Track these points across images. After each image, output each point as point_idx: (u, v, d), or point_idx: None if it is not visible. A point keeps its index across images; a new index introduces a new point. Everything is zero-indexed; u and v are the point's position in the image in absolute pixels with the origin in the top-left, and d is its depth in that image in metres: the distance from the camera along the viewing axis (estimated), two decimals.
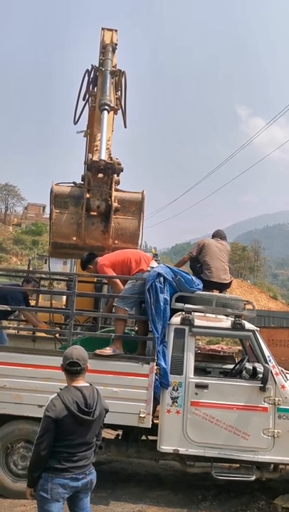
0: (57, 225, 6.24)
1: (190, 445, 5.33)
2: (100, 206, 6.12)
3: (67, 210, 6.21)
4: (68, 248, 6.44)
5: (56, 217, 6.21)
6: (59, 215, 6.20)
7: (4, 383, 5.42)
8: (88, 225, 6.18)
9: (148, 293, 5.47)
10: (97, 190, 6.12)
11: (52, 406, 3.40)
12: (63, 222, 6.20)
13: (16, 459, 5.46)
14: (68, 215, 6.20)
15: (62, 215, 6.20)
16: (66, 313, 5.92)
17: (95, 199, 6.12)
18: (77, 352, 3.65)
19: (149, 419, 5.31)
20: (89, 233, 6.21)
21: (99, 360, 5.36)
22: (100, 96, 6.91)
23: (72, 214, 6.20)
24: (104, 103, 6.71)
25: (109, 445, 5.67)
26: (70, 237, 6.23)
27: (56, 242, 6.37)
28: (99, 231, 6.24)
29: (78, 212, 6.15)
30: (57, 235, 6.30)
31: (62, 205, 6.21)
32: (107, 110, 6.68)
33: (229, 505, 5.49)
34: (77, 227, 6.18)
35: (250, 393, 5.40)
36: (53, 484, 3.37)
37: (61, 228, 6.23)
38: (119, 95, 7.45)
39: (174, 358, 5.48)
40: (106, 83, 6.97)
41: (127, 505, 5.36)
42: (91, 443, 3.57)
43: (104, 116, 6.61)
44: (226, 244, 6.86)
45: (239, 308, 5.87)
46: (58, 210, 6.20)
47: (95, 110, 7.21)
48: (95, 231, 6.23)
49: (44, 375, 5.33)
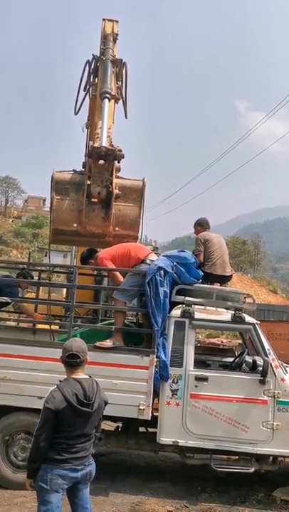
0: (58, 212, 6.22)
1: (189, 437, 5.36)
2: (100, 193, 6.11)
3: (68, 196, 6.19)
4: (69, 235, 6.43)
5: (57, 204, 6.19)
6: (60, 201, 6.19)
7: (5, 375, 5.44)
8: (89, 212, 6.16)
9: (148, 286, 5.47)
10: (98, 177, 6.10)
11: (51, 398, 3.42)
12: (64, 209, 6.18)
13: (16, 450, 5.48)
14: (69, 202, 6.19)
15: (63, 202, 6.18)
16: (66, 305, 5.92)
17: (96, 185, 6.11)
18: (76, 344, 3.66)
19: (148, 412, 5.33)
20: (90, 220, 6.19)
21: (99, 352, 5.37)
22: (101, 84, 6.89)
23: (73, 200, 6.18)
24: (105, 91, 6.68)
25: (108, 437, 5.70)
26: (70, 223, 6.21)
27: (57, 228, 6.36)
28: (99, 218, 6.22)
29: (79, 198, 6.13)
30: (58, 221, 6.28)
31: (63, 191, 6.19)
32: (108, 98, 6.66)
33: (228, 497, 5.52)
34: (78, 213, 6.16)
35: (249, 386, 5.42)
36: (52, 475, 3.39)
37: (62, 215, 6.21)
38: (120, 85, 7.41)
39: (174, 350, 5.49)
40: (107, 72, 6.94)
41: (127, 496, 5.38)
42: (90, 434, 3.58)
43: (106, 104, 6.59)
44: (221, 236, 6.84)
45: (239, 302, 5.87)
46: (58, 196, 6.18)
47: (95, 99, 7.18)
48: (96, 218, 6.22)
49: (45, 367, 5.34)
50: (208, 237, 6.53)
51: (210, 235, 6.62)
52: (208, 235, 6.58)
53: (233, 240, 61.28)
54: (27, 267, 9.59)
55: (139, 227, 6.36)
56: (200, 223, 6.81)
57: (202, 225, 6.78)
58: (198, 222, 6.84)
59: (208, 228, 6.78)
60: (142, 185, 6.29)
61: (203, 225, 6.78)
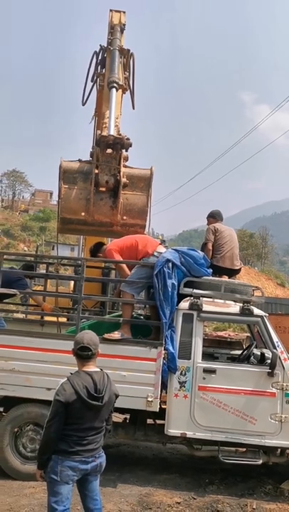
0: (66, 201, 6.22)
1: (197, 429, 5.36)
2: (108, 181, 6.09)
3: (76, 185, 6.18)
4: (77, 224, 6.43)
5: (65, 193, 6.19)
6: (68, 190, 6.18)
7: (13, 366, 5.46)
8: (97, 201, 6.16)
9: (156, 278, 5.47)
10: (106, 166, 6.09)
11: (62, 390, 3.43)
12: (72, 198, 6.17)
13: (24, 442, 5.51)
14: (77, 191, 6.18)
15: (71, 191, 6.17)
16: (74, 297, 5.92)
17: (104, 174, 6.09)
18: (88, 337, 3.66)
19: (156, 403, 5.34)
20: (97, 209, 6.18)
21: (107, 344, 5.37)
22: (109, 74, 6.86)
23: (80, 189, 6.17)
24: (112, 80, 6.65)
25: (116, 428, 5.72)
26: (78, 212, 6.21)
27: (65, 217, 6.36)
28: (107, 206, 6.21)
29: (87, 187, 6.12)
30: (65, 210, 6.28)
31: (71, 180, 6.18)
32: (115, 88, 6.64)
33: (236, 489, 5.52)
34: (85, 202, 6.15)
35: (258, 378, 5.41)
36: (62, 467, 3.42)
37: (70, 204, 6.20)
38: (128, 76, 7.38)
39: (182, 342, 5.49)
40: (114, 61, 6.92)
41: (135, 488, 5.40)
42: (100, 427, 3.59)
43: (113, 94, 6.57)
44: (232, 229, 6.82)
45: (248, 294, 5.85)
46: (66, 185, 6.18)
47: (103, 90, 7.17)
48: (104, 206, 6.21)
49: (53, 359, 5.37)
50: (219, 228, 6.51)
51: (222, 226, 6.60)
52: (219, 226, 6.55)
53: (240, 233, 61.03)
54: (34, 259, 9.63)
55: (147, 216, 6.35)
56: (212, 215, 6.81)
57: (214, 216, 6.79)
58: (211, 213, 6.84)
59: (220, 220, 6.76)
60: (149, 174, 6.27)
61: (216, 216, 6.78)
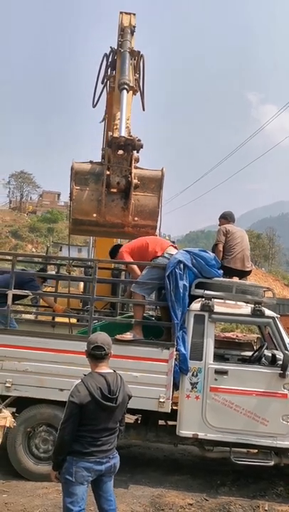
0: (77, 202, 6.24)
1: (209, 430, 5.37)
2: (120, 183, 6.12)
3: (88, 186, 6.20)
4: (88, 225, 6.45)
5: (77, 194, 6.21)
6: (79, 191, 6.20)
7: (26, 367, 5.50)
8: (108, 202, 6.17)
9: (168, 279, 5.49)
10: (117, 167, 6.10)
11: (76, 392, 3.45)
12: (84, 199, 6.20)
13: (37, 443, 5.54)
14: (89, 192, 6.20)
15: (82, 192, 6.20)
16: (86, 298, 5.95)
17: (115, 176, 6.11)
18: (101, 337, 3.69)
19: (168, 404, 5.35)
20: (109, 210, 6.20)
21: (119, 345, 5.37)
22: (119, 76, 6.88)
23: (92, 191, 6.19)
24: (123, 82, 6.67)
25: (128, 429, 5.71)
26: (90, 213, 6.23)
27: (76, 218, 6.39)
28: (119, 208, 6.23)
29: (98, 189, 6.14)
30: (77, 211, 6.30)
31: (82, 182, 6.20)
32: (126, 90, 6.65)
33: (247, 491, 5.52)
34: (97, 203, 6.17)
35: (269, 379, 5.41)
36: (77, 467, 3.44)
37: (81, 205, 6.23)
38: (138, 77, 7.41)
39: (193, 343, 5.50)
40: (125, 63, 6.94)
41: (147, 489, 5.42)
42: (114, 428, 3.61)
43: (124, 96, 6.59)
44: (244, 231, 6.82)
45: (259, 295, 5.85)
46: (78, 187, 6.20)
47: (113, 91, 7.18)
48: (115, 208, 6.22)
49: (66, 360, 5.39)
50: (231, 229, 6.51)
51: (233, 228, 6.60)
52: (231, 228, 6.55)
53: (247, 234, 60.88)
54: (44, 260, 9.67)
55: (158, 217, 6.37)
56: (224, 216, 6.83)
57: (226, 217, 6.81)
58: (223, 214, 6.86)
59: (232, 221, 6.77)
60: (160, 175, 6.29)
61: (228, 217, 6.80)
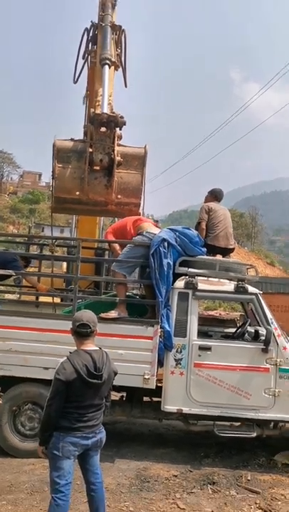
0: (60, 180, 6.20)
1: (193, 405, 5.47)
2: (102, 160, 6.08)
3: (70, 164, 6.15)
4: (71, 203, 6.43)
5: (59, 172, 6.16)
6: (62, 169, 6.15)
7: (10, 346, 5.52)
8: (91, 180, 6.14)
9: (152, 258, 5.52)
10: (100, 144, 6.05)
11: (62, 369, 3.49)
12: (66, 177, 6.15)
13: (23, 420, 5.60)
14: (71, 170, 6.15)
15: (65, 170, 6.15)
16: (70, 278, 5.96)
17: (98, 153, 6.07)
18: (87, 315, 3.72)
19: (153, 381, 5.43)
20: (92, 188, 6.17)
21: (104, 323, 5.41)
22: (101, 51, 6.77)
23: (75, 168, 6.14)
24: (105, 57, 6.58)
25: (113, 406, 5.78)
26: (73, 191, 6.19)
27: (59, 197, 6.34)
28: (102, 185, 6.20)
29: (81, 166, 6.10)
30: (60, 189, 6.26)
31: (64, 159, 6.15)
32: (108, 65, 6.57)
33: (230, 462, 5.66)
34: (80, 181, 6.13)
35: (252, 355, 5.52)
36: (64, 443, 3.50)
37: (64, 183, 6.18)
38: (120, 53, 7.30)
39: (177, 321, 5.56)
40: (106, 38, 6.83)
41: (132, 462, 5.52)
42: (100, 404, 3.67)
43: (106, 71, 6.50)
44: (226, 209, 6.83)
45: (242, 272, 5.93)
46: (60, 164, 6.15)
47: (95, 67, 7.07)
48: (98, 185, 6.20)
49: (50, 339, 5.42)
50: (213, 207, 6.50)
51: (216, 206, 6.58)
52: (214, 206, 6.53)
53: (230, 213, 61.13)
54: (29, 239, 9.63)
55: (142, 194, 6.35)
56: (213, 193, 6.76)
57: (214, 194, 6.74)
58: (211, 191, 6.79)
59: (218, 200, 6.73)
60: (144, 152, 6.26)
61: (216, 195, 6.73)
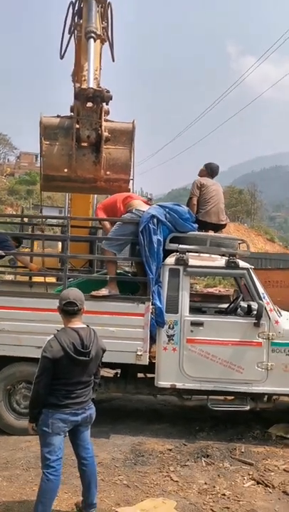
0: (47, 157, 6.14)
1: (186, 380, 5.50)
2: (90, 136, 6.01)
3: (58, 141, 6.09)
4: (60, 181, 6.37)
5: (46, 149, 6.11)
6: (49, 146, 6.10)
7: (3, 326, 5.53)
8: (79, 156, 6.08)
9: (141, 235, 5.48)
10: (87, 120, 5.99)
11: (49, 347, 3.50)
12: (54, 154, 6.10)
13: (18, 399, 5.64)
14: (59, 147, 6.09)
15: (52, 147, 6.09)
16: (60, 257, 5.95)
17: (85, 129, 6.00)
18: (73, 293, 3.72)
19: (146, 357, 5.45)
20: (80, 164, 6.11)
21: (95, 301, 5.45)
22: (86, 24, 6.63)
23: (62, 145, 6.08)
24: (90, 30, 6.46)
25: (108, 383, 5.85)
26: (61, 168, 6.13)
27: (47, 174, 6.29)
28: (90, 162, 6.14)
29: (68, 143, 6.03)
30: (48, 167, 6.21)
31: (51, 136, 6.09)
32: (93, 38, 6.45)
33: (225, 435, 5.71)
34: (68, 158, 6.07)
35: (244, 329, 5.52)
36: (53, 419, 3.53)
37: (52, 160, 6.13)
38: (106, 26, 7.15)
39: (169, 297, 5.55)
40: (91, 11, 6.68)
41: (127, 437, 5.58)
42: (88, 381, 3.69)
43: (91, 44, 6.39)
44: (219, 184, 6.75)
45: (233, 248, 5.90)
46: (47, 141, 6.09)
47: (81, 41, 6.94)
48: (86, 162, 6.14)
49: (42, 318, 5.42)
50: (205, 182, 6.40)
51: (208, 181, 6.48)
52: (205, 181, 6.44)
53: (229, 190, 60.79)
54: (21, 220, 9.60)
55: (131, 170, 6.29)
56: (207, 166, 6.64)
57: (208, 169, 6.62)
58: (207, 165, 6.67)
59: (210, 175, 6.63)
60: (131, 127, 6.19)
61: (211, 170, 6.61)
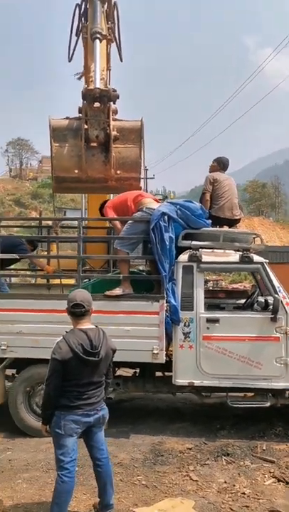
0: (58, 159, 6.18)
1: (204, 377, 5.44)
2: (98, 136, 6.02)
3: (67, 143, 6.13)
4: (71, 182, 6.39)
5: (56, 151, 6.15)
6: (59, 148, 6.13)
7: (20, 329, 5.57)
8: (89, 157, 6.10)
9: (153, 233, 5.44)
10: (95, 120, 6.00)
11: (58, 349, 3.50)
12: (64, 156, 6.13)
13: (37, 401, 5.65)
14: (68, 148, 6.12)
15: (62, 149, 6.13)
16: (74, 258, 5.96)
17: (93, 129, 6.01)
18: (80, 294, 3.71)
19: (162, 355, 5.40)
20: (90, 165, 6.13)
21: (109, 301, 5.45)
22: (91, 25, 6.65)
23: (71, 147, 6.11)
24: (95, 31, 6.47)
25: (126, 382, 5.84)
26: (71, 170, 6.17)
27: (58, 176, 6.32)
28: (100, 162, 6.15)
29: (78, 144, 6.06)
30: (58, 168, 6.25)
31: (61, 138, 6.13)
32: (98, 39, 6.46)
33: (246, 433, 5.63)
34: (78, 159, 6.11)
35: (261, 324, 5.43)
36: (65, 421, 3.52)
37: (62, 162, 6.17)
38: (112, 26, 7.15)
39: (183, 294, 5.51)
40: (96, 11, 6.69)
41: (147, 437, 5.55)
42: (99, 382, 3.67)
43: (97, 45, 6.40)
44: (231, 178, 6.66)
45: (248, 242, 5.81)
46: (57, 143, 6.13)
47: (87, 42, 6.95)
48: (96, 162, 6.15)
49: (58, 319, 5.40)
50: (218, 177, 6.34)
51: (221, 176, 6.41)
52: (218, 176, 6.37)
53: (252, 185, 60.24)
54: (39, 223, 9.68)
55: (141, 168, 6.30)
56: (217, 160, 6.59)
57: (219, 163, 6.57)
58: (217, 159, 6.62)
59: (223, 169, 6.56)
60: (140, 125, 6.18)
61: (220, 164, 6.56)
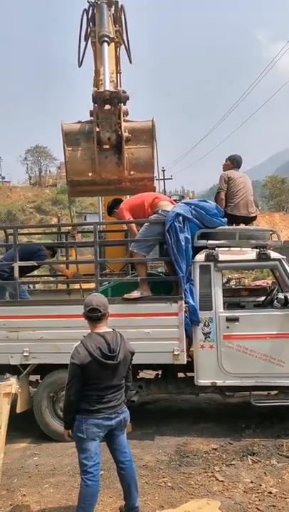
0: (71, 163, 6.26)
1: (226, 377, 5.42)
2: (110, 138, 6.07)
3: (80, 146, 6.20)
4: (85, 185, 6.45)
5: (70, 156, 6.22)
6: (72, 152, 6.21)
7: (41, 335, 5.63)
8: (102, 159, 6.15)
9: (168, 234, 5.43)
10: (106, 122, 6.05)
11: (76, 353, 3.54)
12: (77, 159, 6.20)
13: (61, 406, 5.69)
14: (81, 152, 6.19)
15: (75, 153, 6.20)
16: (91, 262, 6.02)
17: (105, 131, 6.06)
18: (96, 299, 3.73)
19: (183, 356, 5.39)
20: (103, 167, 6.19)
21: (128, 304, 5.46)
22: (99, 29, 6.72)
23: (84, 150, 6.18)
24: (102, 35, 6.54)
25: (149, 384, 5.86)
26: (85, 173, 6.23)
27: (73, 180, 6.40)
28: (113, 164, 6.20)
29: (90, 147, 6.12)
30: (72, 172, 6.32)
31: (73, 142, 6.20)
32: (106, 42, 6.53)
33: (272, 431, 5.57)
34: (91, 162, 6.17)
35: (281, 321, 5.38)
36: (87, 425, 3.55)
37: (76, 165, 6.24)
38: (120, 29, 7.21)
39: (202, 294, 5.49)
40: (103, 15, 6.76)
41: (172, 439, 5.54)
42: (119, 385, 3.69)
43: (105, 48, 6.47)
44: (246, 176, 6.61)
45: (264, 239, 5.76)
46: (70, 148, 6.20)
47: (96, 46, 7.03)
48: (110, 164, 6.20)
49: (78, 324, 5.42)
50: (232, 175, 6.30)
51: (235, 173, 6.37)
52: (232, 174, 6.33)
53: (271, 180, 59.56)
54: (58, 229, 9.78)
55: (154, 168, 6.32)
56: (231, 159, 6.56)
57: (232, 161, 6.54)
58: (230, 157, 6.59)
59: (236, 167, 6.52)
60: (151, 125, 6.21)
61: (233, 162, 6.53)
